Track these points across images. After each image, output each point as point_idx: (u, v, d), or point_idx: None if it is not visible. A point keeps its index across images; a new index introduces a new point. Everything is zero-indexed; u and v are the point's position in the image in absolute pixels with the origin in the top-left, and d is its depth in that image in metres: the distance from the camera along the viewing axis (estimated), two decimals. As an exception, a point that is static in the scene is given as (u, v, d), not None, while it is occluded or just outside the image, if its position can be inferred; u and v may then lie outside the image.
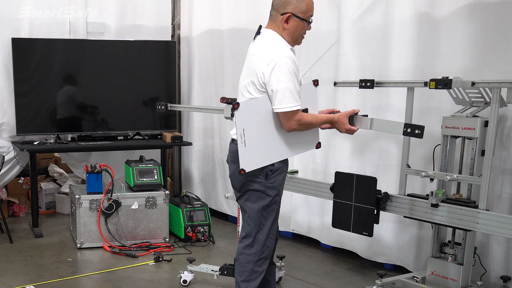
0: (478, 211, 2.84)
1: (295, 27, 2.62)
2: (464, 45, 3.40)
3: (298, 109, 2.56)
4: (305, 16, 2.61)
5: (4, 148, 5.04)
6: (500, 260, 3.36)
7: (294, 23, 2.60)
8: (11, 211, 5.42)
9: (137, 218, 4.52)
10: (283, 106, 2.53)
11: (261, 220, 2.70)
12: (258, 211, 2.70)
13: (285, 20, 2.60)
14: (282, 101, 2.52)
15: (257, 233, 2.71)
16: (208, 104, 5.44)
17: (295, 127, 2.58)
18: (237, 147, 2.61)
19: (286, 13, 2.59)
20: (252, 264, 2.72)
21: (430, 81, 3.03)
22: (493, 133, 2.85)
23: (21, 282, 3.70)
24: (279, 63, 2.51)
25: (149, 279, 3.83)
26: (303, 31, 2.66)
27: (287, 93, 2.51)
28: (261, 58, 2.57)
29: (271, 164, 2.64)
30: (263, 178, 2.66)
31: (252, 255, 2.72)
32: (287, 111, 2.54)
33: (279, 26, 2.63)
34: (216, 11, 5.37)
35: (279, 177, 2.69)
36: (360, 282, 3.80)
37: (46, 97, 5.08)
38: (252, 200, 2.71)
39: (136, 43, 5.36)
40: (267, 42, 2.63)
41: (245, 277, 2.73)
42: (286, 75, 2.51)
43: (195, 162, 5.85)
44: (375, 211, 3.19)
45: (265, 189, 2.67)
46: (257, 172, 2.63)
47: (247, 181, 2.69)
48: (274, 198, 2.69)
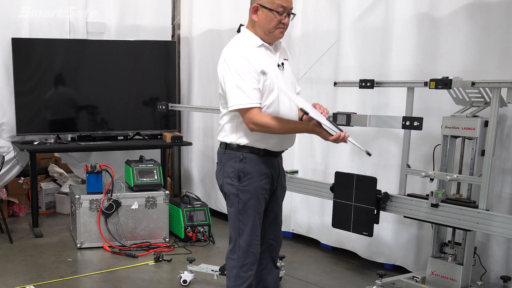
0: (478, 211, 2.84)
1: (264, 19, 2.54)
2: (464, 45, 3.40)
3: (252, 107, 2.45)
4: (272, 6, 2.51)
5: (4, 148, 5.04)
6: (500, 260, 3.36)
7: (263, 14, 2.53)
8: (11, 211, 5.42)
9: (137, 218, 4.52)
10: (232, 104, 2.48)
11: (240, 225, 2.63)
12: (235, 216, 2.64)
13: (253, 12, 2.56)
14: (232, 99, 2.48)
15: (237, 238, 2.65)
16: (208, 104, 5.44)
17: (251, 126, 2.48)
18: (219, 149, 2.67)
19: (252, 6, 2.57)
20: (236, 269, 2.66)
21: (430, 81, 3.03)
22: (493, 133, 2.85)
23: (21, 282, 3.70)
24: (227, 62, 2.49)
25: (149, 279, 3.83)
26: (274, 22, 2.53)
27: (235, 90, 2.46)
28: (221, 57, 2.59)
29: (242, 167, 2.58)
30: (236, 181, 2.60)
31: (236, 260, 2.66)
32: (239, 109, 2.48)
33: (251, 21, 2.60)
34: (216, 11, 5.37)
35: (252, 181, 2.59)
36: (360, 282, 3.80)
37: (46, 97, 5.08)
38: (228, 204, 2.67)
39: (136, 43, 5.36)
40: (231, 41, 2.63)
41: (231, 282, 2.69)
42: (234, 73, 2.46)
43: (195, 162, 5.86)
44: (375, 211, 3.19)
45: (237, 192, 2.60)
46: (231, 174, 2.60)
47: (224, 183, 2.65)
48: (247, 202, 2.60)
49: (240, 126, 2.57)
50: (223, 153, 2.65)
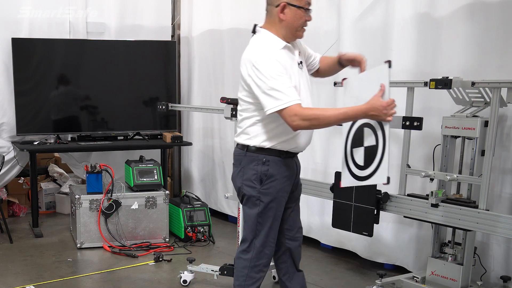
0: (478, 211, 2.84)
1: (293, 17, 2.51)
2: (464, 45, 3.40)
3: (293, 104, 2.36)
4: (301, 3, 2.50)
5: (4, 148, 5.04)
6: (500, 260, 3.35)
7: (291, 12, 2.50)
8: (11, 211, 5.42)
9: (137, 218, 4.52)
10: (271, 107, 2.39)
11: (257, 227, 2.62)
12: (254, 217, 2.63)
13: (281, 11, 2.50)
14: (269, 102, 2.39)
15: (253, 239, 2.64)
16: (208, 104, 5.44)
17: (298, 123, 2.36)
18: (238, 151, 2.62)
19: (280, 3, 2.50)
20: (247, 270, 2.66)
21: (430, 81, 3.03)
22: (493, 133, 2.85)
23: (21, 282, 3.70)
24: (257, 66, 2.41)
25: (149, 279, 3.83)
26: (302, 20, 2.54)
27: (271, 93, 2.38)
28: (245, 60, 2.50)
29: (265, 170, 2.57)
30: (258, 184, 2.58)
31: (248, 260, 2.66)
32: (279, 110, 2.38)
33: (275, 20, 2.52)
34: (216, 11, 5.37)
35: (275, 183, 2.58)
36: (360, 282, 3.80)
37: (46, 97, 5.08)
38: (248, 206, 2.65)
39: (136, 43, 5.36)
40: (254, 43, 2.55)
41: (241, 282, 2.68)
42: (267, 77, 2.39)
43: (195, 162, 5.86)
44: (375, 211, 3.19)
45: (259, 195, 2.58)
46: (252, 177, 2.58)
47: (242, 185, 2.62)
48: (268, 205, 2.59)
49: (265, 129, 2.53)
50: (244, 155, 2.60)
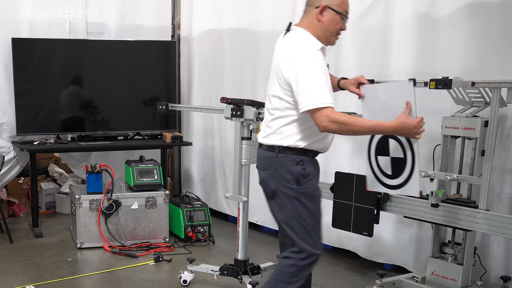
0: (478, 211, 2.84)
1: (330, 21, 2.52)
2: (464, 45, 3.40)
3: (327, 106, 2.36)
4: (340, 9, 2.52)
5: (4, 148, 5.04)
6: (500, 260, 3.36)
7: (330, 16, 2.51)
8: (11, 211, 5.42)
9: (137, 218, 4.52)
10: (307, 104, 2.37)
11: (302, 228, 2.56)
12: (297, 218, 2.55)
13: (320, 12, 2.51)
14: (306, 99, 2.38)
15: (300, 240, 2.56)
16: (208, 104, 5.44)
17: (326, 124, 2.36)
18: (266, 153, 2.56)
19: (321, 5, 2.51)
20: (296, 268, 2.58)
21: (430, 81, 3.03)
22: (493, 133, 2.85)
23: (21, 282, 3.70)
24: (300, 62, 2.40)
25: (149, 279, 3.83)
26: (338, 26, 2.55)
27: (311, 89, 2.37)
28: (285, 56, 2.48)
29: (301, 170, 2.53)
30: (295, 184, 2.53)
31: (296, 259, 2.58)
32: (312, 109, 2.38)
33: (313, 21, 2.53)
34: (216, 11, 5.37)
35: (311, 182, 2.56)
36: (360, 282, 3.80)
37: (46, 97, 5.09)
38: (286, 208, 2.57)
39: (136, 43, 5.36)
40: (293, 40, 2.53)
41: (287, 278, 2.59)
42: (309, 73, 2.39)
43: (195, 162, 5.86)
44: (375, 211, 3.19)
45: (297, 195, 2.53)
46: (289, 178, 2.52)
47: (279, 187, 2.56)
48: (310, 203, 2.56)
49: (299, 129, 2.51)
50: (275, 157, 2.55)
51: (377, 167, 2.77)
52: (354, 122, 2.39)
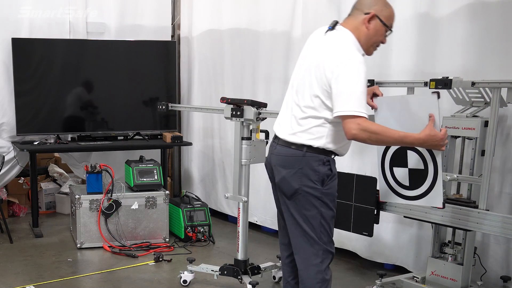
0: (478, 211, 2.84)
1: (376, 31, 2.49)
2: (464, 45, 3.40)
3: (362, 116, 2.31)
4: (387, 22, 2.50)
5: (4, 148, 5.04)
6: (500, 260, 3.36)
7: (377, 25, 2.48)
8: (11, 211, 5.42)
9: (137, 218, 4.52)
10: (344, 109, 2.31)
11: (321, 228, 2.52)
12: (317, 219, 2.51)
13: (368, 20, 2.47)
14: (344, 104, 2.31)
15: (319, 242, 2.53)
16: (208, 104, 5.44)
17: (356, 132, 2.32)
18: (290, 151, 2.49)
19: (370, 12, 2.47)
20: (322, 274, 2.54)
21: (430, 81, 3.02)
22: (493, 133, 2.85)
23: (21, 282, 3.70)
24: (348, 64, 2.34)
25: (149, 279, 3.83)
26: (380, 38, 2.53)
27: (351, 95, 2.30)
28: (331, 56, 2.40)
29: (327, 170, 2.49)
30: (319, 184, 2.47)
31: (318, 265, 2.54)
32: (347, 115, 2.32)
33: (360, 27, 2.49)
34: (216, 11, 5.37)
35: (334, 183, 2.54)
36: (360, 282, 3.80)
37: (46, 97, 5.09)
38: (307, 208, 2.50)
39: (136, 43, 5.36)
40: (340, 41, 2.47)
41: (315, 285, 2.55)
42: (354, 78, 2.32)
43: (195, 162, 5.86)
44: (375, 211, 3.19)
45: (321, 195, 2.48)
46: (314, 178, 2.46)
47: (301, 187, 2.48)
48: (330, 204, 2.52)
49: (331, 131, 2.45)
50: (302, 155, 2.46)
51: (392, 178, 2.81)
52: (384, 132, 2.36)
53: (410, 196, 2.75)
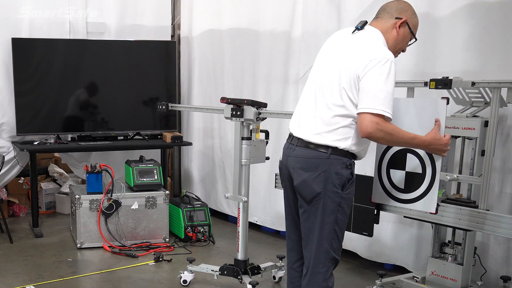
0: (478, 211, 2.83)
1: (404, 37, 2.50)
2: (464, 45, 3.40)
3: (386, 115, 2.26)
4: (414, 30, 2.52)
5: (4, 148, 5.04)
6: (500, 260, 3.35)
7: (405, 32, 2.49)
8: (11, 211, 5.42)
9: (137, 218, 4.52)
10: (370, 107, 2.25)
11: (333, 235, 2.43)
12: (329, 225, 2.42)
13: (399, 25, 2.47)
14: (371, 101, 2.25)
15: (330, 250, 2.45)
16: (208, 104, 5.44)
17: (371, 131, 2.25)
18: (312, 152, 2.38)
19: (402, 18, 2.47)
20: (327, 282, 2.50)
21: (430, 81, 3.02)
22: (493, 133, 2.85)
23: (21, 282, 3.70)
24: (382, 63, 2.28)
25: (149, 279, 3.83)
26: (404, 45, 2.55)
27: (380, 94, 2.24)
28: (364, 52, 2.33)
29: (349, 173, 2.40)
30: (340, 188, 2.38)
31: (324, 273, 2.48)
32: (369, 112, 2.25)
33: (389, 30, 2.47)
34: (216, 11, 5.37)
35: (353, 188, 2.47)
36: (360, 282, 3.80)
37: (46, 97, 5.09)
38: (325, 213, 2.41)
39: (136, 43, 5.36)
40: (372, 39, 2.42)
41: None
42: (387, 78, 2.27)
43: (195, 162, 5.86)
44: (375, 211, 3.18)
45: (340, 200, 2.40)
46: (337, 181, 2.38)
47: (324, 190, 2.38)
48: (346, 210, 2.44)
49: (356, 133, 2.37)
50: (327, 157, 2.35)
51: (387, 180, 2.80)
52: (398, 133, 2.33)
53: (404, 199, 2.75)
